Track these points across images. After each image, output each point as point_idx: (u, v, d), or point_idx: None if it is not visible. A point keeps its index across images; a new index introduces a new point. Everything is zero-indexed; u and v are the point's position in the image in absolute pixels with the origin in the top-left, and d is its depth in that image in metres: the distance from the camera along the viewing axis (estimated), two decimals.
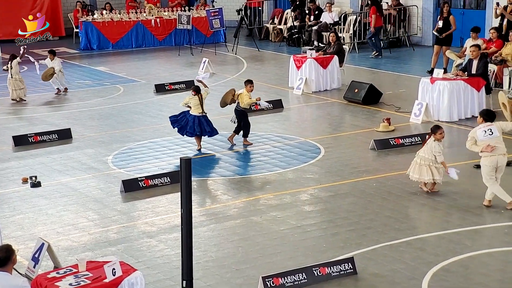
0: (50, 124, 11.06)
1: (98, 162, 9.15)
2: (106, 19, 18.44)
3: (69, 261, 6.07)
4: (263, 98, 12.45)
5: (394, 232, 6.68)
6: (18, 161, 9.30)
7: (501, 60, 12.46)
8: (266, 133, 10.34)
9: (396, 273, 5.85)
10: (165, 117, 11.50)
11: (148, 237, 6.79)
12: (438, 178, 7.46)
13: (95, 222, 7.20)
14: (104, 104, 12.49)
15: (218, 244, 6.60)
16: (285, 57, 16.20)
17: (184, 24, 17.59)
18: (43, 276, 5.03)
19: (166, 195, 7.92)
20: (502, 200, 7.23)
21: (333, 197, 7.68)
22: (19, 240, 6.72)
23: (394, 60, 15.76)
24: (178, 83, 13.59)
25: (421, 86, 10.95)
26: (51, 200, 7.84)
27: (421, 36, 17.50)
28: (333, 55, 13.09)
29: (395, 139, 9.47)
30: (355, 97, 11.94)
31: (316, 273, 5.74)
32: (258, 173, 8.55)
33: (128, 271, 5.00)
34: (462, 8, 16.79)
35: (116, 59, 17.22)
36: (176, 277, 5.80)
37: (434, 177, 7.44)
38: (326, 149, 9.39)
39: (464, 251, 6.21)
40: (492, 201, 7.21)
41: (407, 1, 17.54)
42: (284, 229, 6.86)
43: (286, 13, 19.36)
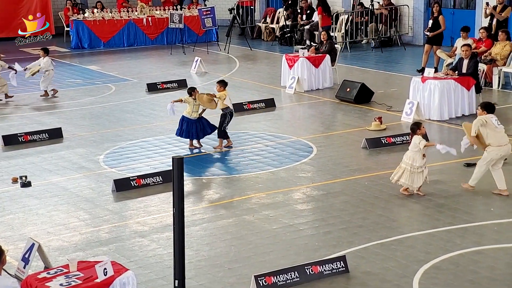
0: (40, 124, 10.99)
1: (90, 161, 9.11)
2: (97, 17, 18.35)
3: (60, 261, 6.04)
4: (255, 97, 12.47)
5: (385, 231, 6.71)
6: (8, 160, 9.24)
7: (491, 60, 12.54)
8: (259, 132, 10.34)
9: (388, 271, 5.88)
10: (157, 116, 11.49)
11: (140, 236, 6.77)
12: (414, 186, 7.40)
13: (86, 222, 7.16)
14: (95, 103, 12.44)
15: (211, 243, 6.59)
16: (278, 56, 16.21)
17: (176, 23, 17.55)
18: (34, 276, 5.00)
19: (158, 194, 7.90)
20: (492, 195, 7.30)
21: (325, 196, 7.70)
22: (8, 241, 6.67)
23: (386, 60, 15.82)
24: (170, 82, 13.55)
25: (412, 85, 11.00)
26: (41, 200, 7.79)
27: (412, 35, 17.57)
28: (325, 54, 13.12)
29: (387, 138, 9.51)
30: (347, 96, 11.97)
31: (309, 271, 5.75)
32: (251, 172, 8.55)
33: (119, 271, 4.97)
34: (453, 8, 16.88)
35: (107, 58, 17.14)
36: (168, 276, 5.79)
37: (412, 184, 7.40)
38: (318, 148, 9.41)
39: (454, 249, 6.24)
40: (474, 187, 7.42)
41: (398, 1, 17.60)
42: (277, 228, 6.86)
43: (278, 12, 19.37)
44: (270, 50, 17.74)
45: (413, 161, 7.39)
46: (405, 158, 7.50)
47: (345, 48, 16.90)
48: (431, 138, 9.73)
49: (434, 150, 9.36)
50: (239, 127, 10.44)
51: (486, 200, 7.37)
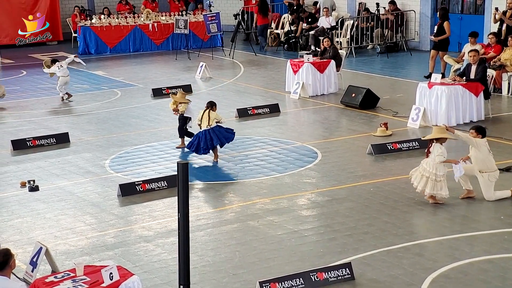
0: (48, 128, 11.04)
1: (96, 166, 9.13)
2: (104, 23, 18.44)
3: (67, 265, 6.06)
4: (259, 102, 12.49)
5: (392, 238, 6.67)
6: (16, 165, 9.28)
7: (500, 65, 12.49)
8: (263, 138, 10.34)
9: (394, 279, 5.84)
10: (162, 121, 11.51)
11: (145, 241, 6.78)
12: (443, 194, 7.30)
13: (92, 226, 7.18)
14: (101, 108, 12.48)
15: (215, 248, 6.59)
16: (282, 61, 16.22)
17: (181, 28, 17.61)
18: (41, 280, 5.02)
19: (163, 199, 7.91)
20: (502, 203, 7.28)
21: (330, 202, 7.68)
22: (17, 244, 6.70)
23: (392, 65, 15.80)
24: (175, 87, 13.58)
25: (419, 90, 10.97)
26: (49, 204, 7.82)
27: (419, 41, 17.55)
28: (330, 60, 13.12)
29: (393, 143, 9.48)
30: (352, 101, 11.95)
31: (313, 278, 5.72)
32: (255, 178, 8.55)
33: (125, 276, 4.99)
34: (460, 13, 16.85)
35: (113, 63, 17.21)
36: (173, 281, 5.78)
37: (441, 192, 7.29)
38: (323, 154, 9.40)
39: (463, 257, 6.18)
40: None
41: (405, 6, 17.60)
42: (281, 234, 6.85)
43: (283, 17, 19.42)
44: (274, 55, 17.77)
45: (436, 170, 7.23)
46: (426, 166, 7.31)
47: (351, 54, 16.91)
48: None
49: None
50: (244, 132, 10.44)
51: (496, 208, 7.32)
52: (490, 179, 7.41)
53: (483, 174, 7.42)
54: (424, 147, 9.48)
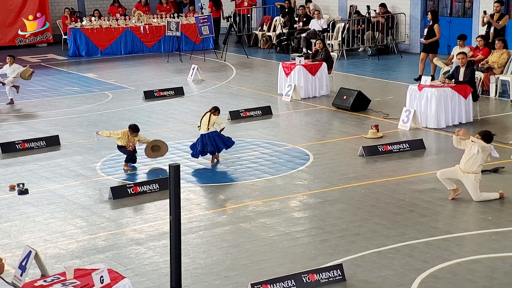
0: (38, 131, 10.99)
1: (87, 169, 9.10)
2: (95, 25, 18.38)
3: (57, 269, 6.02)
4: (252, 105, 12.49)
5: (382, 239, 6.71)
6: (5, 168, 9.22)
7: (488, 68, 12.60)
8: (255, 140, 10.35)
9: (385, 280, 5.87)
10: (154, 124, 11.50)
11: (136, 244, 6.76)
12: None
13: (83, 229, 7.15)
14: (92, 110, 12.44)
15: (207, 251, 6.58)
16: (274, 64, 16.25)
17: (173, 31, 17.59)
18: (30, 284, 4.99)
19: (155, 202, 7.90)
20: (490, 204, 7.32)
21: (322, 204, 7.70)
22: (5, 248, 6.66)
23: (382, 67, 15.87)
24: (167, 89, 13.57)
25: (409, 93, 11.03)
26: (38, 207, 7.78)
27: (409, 43, 17.65)
28: (321, 62, 13.17)
29: (384, 145, 9.52)
30: (343, 103, 12.00)
31: (305, 280, 5.74)
32: (247, 180, 8.55)
33: (116, 279, 4.97)
34: (449, 16, 16.98)
35: (105, 65, 17.16)
36: (164, 284, 5.77)
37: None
38: (315, 156, 9.42)
39: (452, 258, 6.23)
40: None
41: (395, 9, 17.70)
42: (273, 236, 6.86)
43: (275, 20, 19.45)
44: (266, 57, 17.79)
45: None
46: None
47: (342, 56, 16.97)
48: (428, 146, 9.76)
49: (431, 158, 9.41)
50: (236, 134, 10.44)
51: (483, 209, 7.38)
52: (476, 179, 7.48)
53: (468, 175, 7.47)
54: (414, 149, 9.59)
